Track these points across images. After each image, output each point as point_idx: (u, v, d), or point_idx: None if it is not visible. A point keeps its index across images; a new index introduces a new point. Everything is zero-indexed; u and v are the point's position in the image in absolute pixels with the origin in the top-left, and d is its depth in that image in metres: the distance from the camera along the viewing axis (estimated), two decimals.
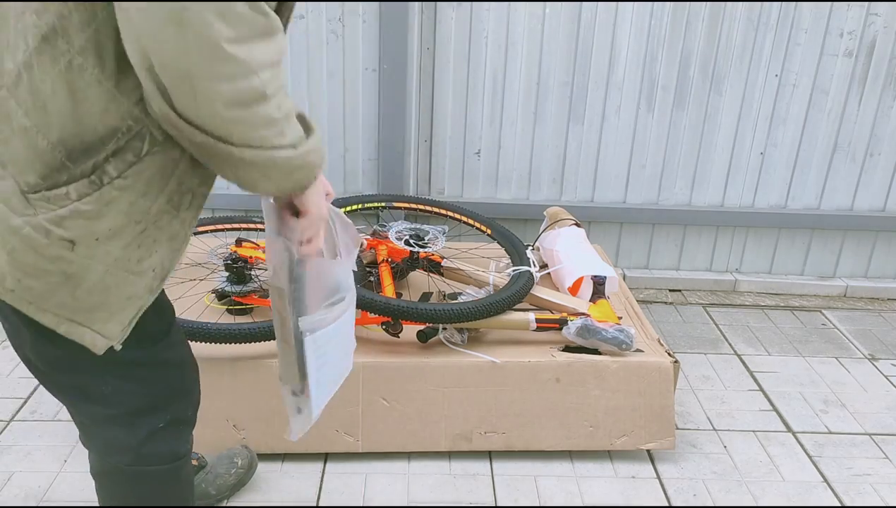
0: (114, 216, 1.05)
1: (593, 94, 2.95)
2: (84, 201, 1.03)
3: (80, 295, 1.09)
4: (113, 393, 1.24)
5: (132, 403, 1.26)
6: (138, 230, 1.08)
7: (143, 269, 1.12)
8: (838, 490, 2.07)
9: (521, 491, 2.00)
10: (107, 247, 1.07)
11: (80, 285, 1.08)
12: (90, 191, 1.03)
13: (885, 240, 3.22)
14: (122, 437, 1.28)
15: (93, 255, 1.06)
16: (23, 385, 2.35)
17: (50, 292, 1.07)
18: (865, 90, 2.96)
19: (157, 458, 1.32)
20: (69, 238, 1.04)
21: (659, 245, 3.21)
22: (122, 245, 1.08)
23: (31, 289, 1.07)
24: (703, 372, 2.62)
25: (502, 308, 2.07)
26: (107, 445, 1.30)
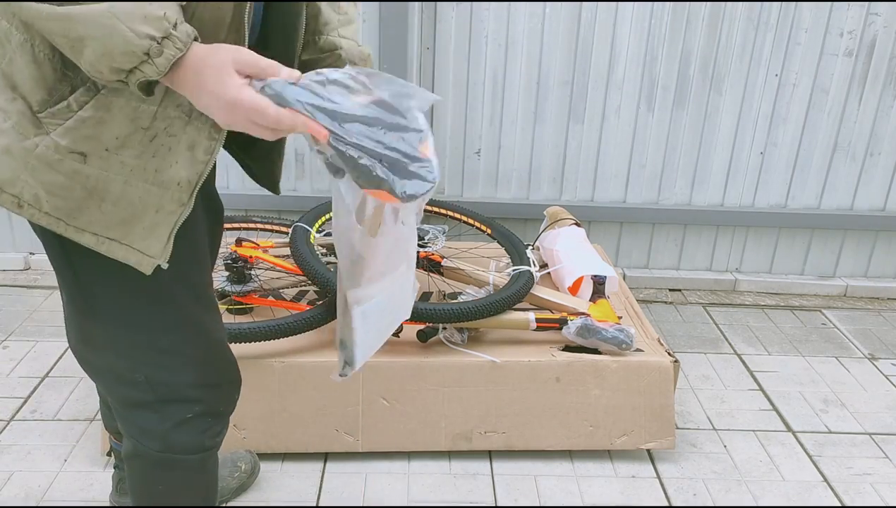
0: (118, 123, 1.04)
1: (593, 94, 2.95)
2: (85, 109, 1.03)
3: (107, 209, 1.09)
4: (146, 380, 1.25)
5: (164, 391, 1.27)
6: (148, 137, 1.06)
7: (165, 181, 1.10)
8: (838, 490, 2.07)
9: (521, 491, 2.00)
10: (119, 157, 1.06)
11: (104, 198, 1.08)
12: (88, 98, 1.02)
13: (885, 240, 3.22)
14: (152, 424, 1.29)
15: (107, 167, 1.06)
16: (23, 384, 2.35)
17: (78, 209, 1.08)
18: (865, 90, 2.96)
19: (185, 447, 1.32)
20: (79, 150, 1.04)
21: (659, 244, 3.21)
22: (134, 154, 1.07)
23: (60, 208, 1.08)
24: (703, 371, 2.62)
25: (502, 307, 2.07)
26: (138, 430, 1.32)
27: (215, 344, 1.35)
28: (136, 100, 1.03)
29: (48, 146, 1.04)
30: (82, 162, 1.05)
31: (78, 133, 1.04)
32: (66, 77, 1.02)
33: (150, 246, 1.13)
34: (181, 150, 1.10)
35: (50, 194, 1.07)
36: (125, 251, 1.12)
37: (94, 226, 1.10)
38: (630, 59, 2.90)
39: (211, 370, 1.34)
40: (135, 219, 1.11)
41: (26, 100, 1.04)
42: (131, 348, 1.24)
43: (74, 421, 2.18)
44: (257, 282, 2.25)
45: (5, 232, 3.09)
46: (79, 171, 1.06)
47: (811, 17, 2.86)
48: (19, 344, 2.57)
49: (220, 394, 1.37)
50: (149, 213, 1.11)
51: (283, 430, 2.02)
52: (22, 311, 2.79)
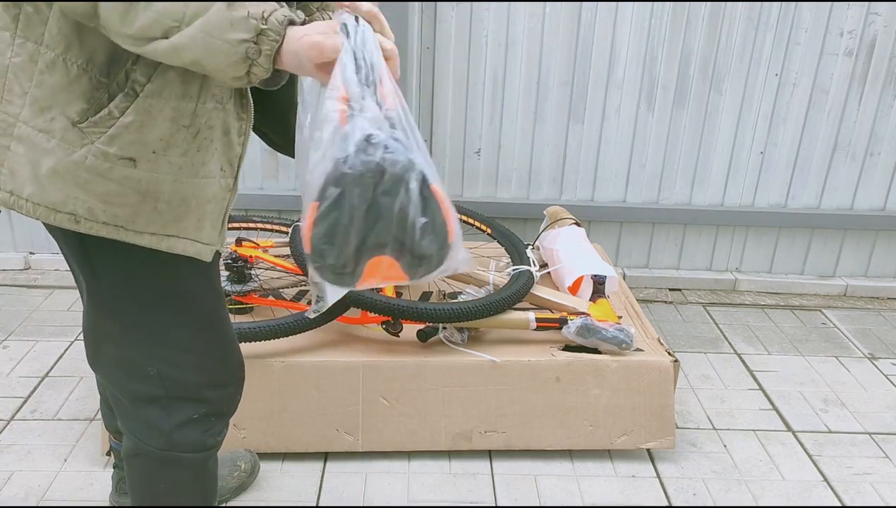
0: (160, 124, 1.06)
1: (593, 94, 2.95)
2: (126, 115, 1.04)
3: (162, 209, 1.12)
4: (157, 375, 1.27)
5: (174, 389, 1.29)
6: (191, 134, 1.09)
7: (211, 171, 1.14)
8: (838, 490, 2.07)
9: (521, 491, 2.00)
10: (166, 157, 1.09)
11: (158, 199, 1.11)
12: (128, 103, 1.04)
13: (885, 240, 3.22)
14: (158, 420, 1.30)
15: (156, 169, 1.09)
16: (23, 384, 2.35)
17: (135, 214, 1.11)
18: (865, 89, 2.96)
19: (187, 446, 1.33)
20: (127, 155, 1.06)
21: (659, 244, 3.21)
22: (180, 152, 1.09)
23: (119, 216, 1.10)
24: (702, 371, 2.62)
25: (502, 307, 2.07)
26: (143, 427, 1.32)
27: (229, 343, 1.36)
28: (174, 99, 1.06)
29: (96, 155, 1.06)
30: (132, 166, 1.08)
31: (123, 139, 1.06)
32: (101, 84, 1.04)
33: (206, 234, 1.18)
34: (219, 137, 1.13)
35: (106, 204, 1.09)
36: (184, 244, 1.16)
37: (152, 227, 1.13)
38: (630, 59, 2.90)
39: (221, 369, 1.35)
40: (189, 212, 1.14)
41: (65, 114, 1.05)
42: (147, 342, 1.25)
43: (74, 420, 2.18)
44: (257, 282, 2.25)
45: (5, 231, 3.09)
46: (130, 176, 1.08)
47: (811, 16, 2.86)
48: (19, 344, 2.57)
49: (227, 395, 1.38)
50: (202, 205, 1.15)
51: (283, 430, 2.02)
52: (22, 311, 2.80)
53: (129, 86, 1.04)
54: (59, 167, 1.06)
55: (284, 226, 2.51)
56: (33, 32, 1.03)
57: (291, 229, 2.22)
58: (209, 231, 1.19)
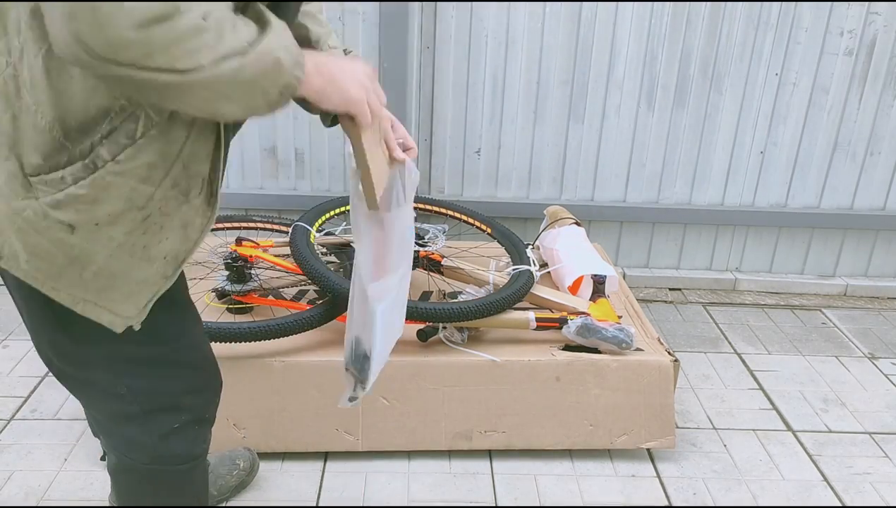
0: (113, 201, 1.04)
1: (593, 93, 2.95)
2: (79, 185, 1.01)
3: (87, 278, 1.08)
4: (129, 391, 1.23)
5: (148, 402, 1.26)
6: (141, 216, 1.06)
7: (152, 256, 1.10)
8: (838, 489, 2.07)
9: (521, 490, 2.00)
10: (109, 232, 1.06)
11: (85, 268, 1.07)
12: (84, 175, 1.01)
13: (885, 239, 3.22)
14: (139, 435, 1.28)
15: (95, 239, 1.06)
16: (23, 384, 2.35)
17: (58, 273, 1.07)
18: (865, 89, 2.96)
19: (173, 458, 1.32)
20: (67, 222, 1.03)
21: (659, 244, 3.21)
22: (124, 231, 1.06)
23: (42, 269, 1.07)
24: (703, 370, 2.62)
25: (502, 307, 2.07)
26: (124, 443, 1.30)
27: (199, 349, 1.33)
28: (134, 181, 1.03)
29: (36, 211, 1.03)
30: (69, 233, 1.04)
31: (69, 206, 1.03)
32: (64, 148, 1.01)
33: (125, 309, 1.13)
34: (174, 228, 1.10)
35: (32, 256, 1.06)
36: (99, 311, 1.11)
37: (72, 289, 1.09)
38: (630, 59, 2.90)
39: (195, 374, 1.33)
40: (114, 288, 1.10)
41: (20, 160, 1.02)
42: (109, 360, 1.21)
43: (74, 420, 2.18)
44: (257, 282, 2.25)
45: None
46: (64, 240, 1.05)
47: (811, 16, 2.86)
48: (19, 344, 2.57)
49: (205, 400, 1.36)
50: (129, 284, 1.11)
51: (283, 429, 2.02)
52: None
53: (90, 158, 1.01)
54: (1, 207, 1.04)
55: (284, 225, 2.51)
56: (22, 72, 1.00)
57: (292, 229, 2.22)
58: (131, 307, 1.13)
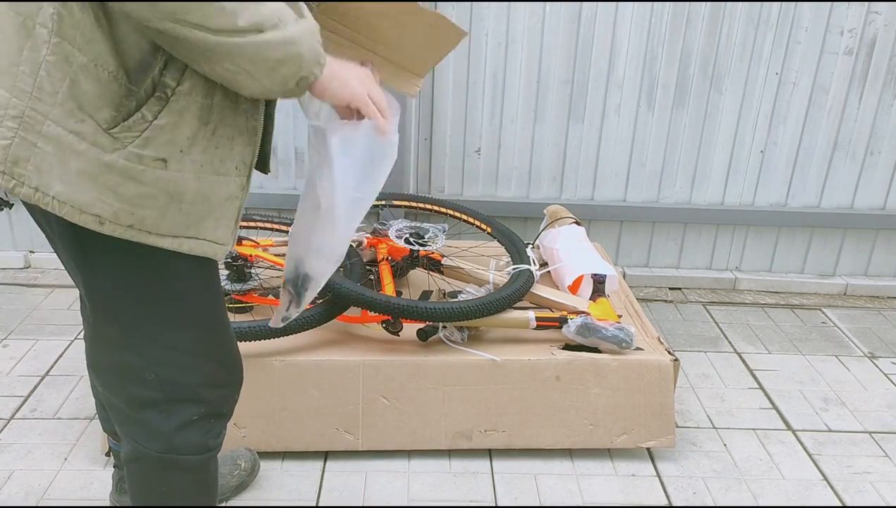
0: (189, 123, 1.10)
1: (593, 93, 2.95)
2: (159, 118, 1.08)
3: (186, 209, 1.15)
4: (156, 377, 1.27)
5: (172, 390, 1.29)
6: (210, 131, 1.13)
7: (228, 169, 1.18)
8: (838, 489, 2.07)
9: (521, 490, 2.00)
10: (191, 156, 1.12)
11: (183, 199, 1.14)
12: (160, 106, 1.08)
13: (885, 239, 3.22)
14: (157, 423, 1.30)
15: (182, 168, 1.12)
16: (23, 383, 2.35)
17: (162, 216, 1.13)
18: (866, 88, 2.96)
19: (189, 448, 1.34)
20: (160, 156, 1.10)
21: (659, 243, 3.21)
22: (201, 150, 1.13)
23: (146, 219, 1.12)
24: (703, 370, 2.62)
25: (502, 306, 2.07)
26: (143, 431, 1.32)
27: (227, 342, 1.37)
28: (200, 97, 1.10)
29: (129, 158, 1.08)
30: (164, 167, 1.10)
31: (157, 140, 1.09)
32: (131, 92, 1.06)
33: (221, 234, 1.21)
34: (235, 136, 1.17)
35: (136, 206, 1.11)
36: (203, 245, 1.19)
37: (175, 229, 1.15)
38: (630, 58, 2.90)
39: (220, 369, 1.35)
40: (210, 212, 1.18)
41: (95, 119, 1.06)
42: (145, 345, 1.26)
43: (74, 419, 2.18)
44: (257, 281, 2.25)
45: (5, 230, 3.09)
46: (161, 177, 1.11)
47: (811, 15, 2.86)
48: (19, 343, 2.57)
49: (225, 395, 1.38)
50: (220, 203, 1.18)
51: (283, 429, 2.02)
52: (22, 310, 2.79)
53: (159, 89, 1.07)
54: (90, 169, 1.08)
55: (284, 225, 2.51)
56: (67, 34, 1.03)
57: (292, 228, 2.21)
58: (223, 231, 1.21)
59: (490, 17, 2.84)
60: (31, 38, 1.03)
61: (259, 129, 1.23)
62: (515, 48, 2.88)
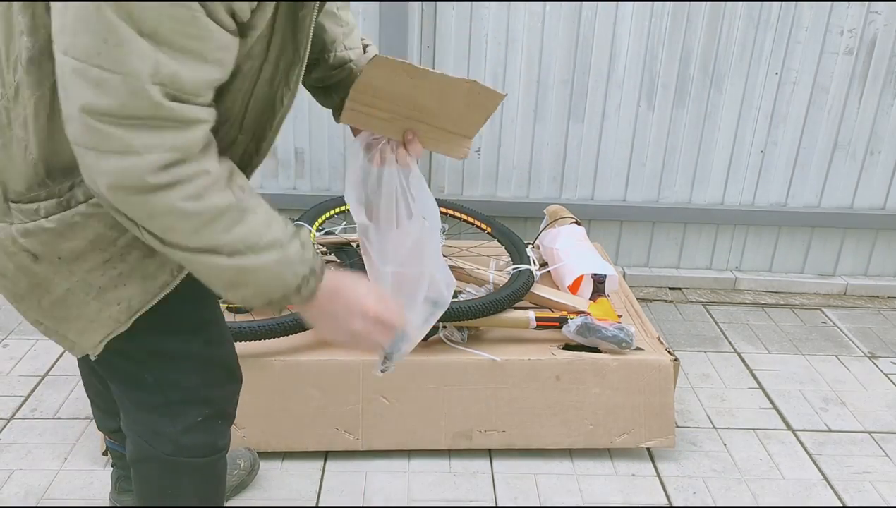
0: (77, 240, 1.08)
1: (593, 92, 2.95)
2: (49, 219, 1.07)
3: (45, 306, 1.15)
4: (156, 382, 1.27)
5: (173, 393, 1.29)
6: (102, 259, 1.11)
7: (107, 299, 1.14)
8: (838, 489, 2.07)
9: (521, 489, 2.00)
10: (70, 267, 1.11)
11: (45, 296, 1.14)
12: (56, 211, 1.07)
13: (885, 239, 3.22)
14: (163, 426, 1.30)
15: (56, 272, 1.11)
16: (23, 383, 2.35)
17: (21, 295, 1.15)
18: (866, 88, 2.96)
19: (196, 450, 1.34)
20: (32, 251, 1.09)
21: (659, 243, 3.21)
22: (85, 268, 1.11)
23: (7, 289, 1.16)
24: (703, 370, 2.62)
25: (502, 306, 2.07)
26: (149, 433, 1.32)
27: (223, 342, 1.36)
28: (102, 225, 1.07)
29: (7, 235, 1.09)
30: (33, 261, 1.10)
31: (36, 237, 1.08)
32: (45, 184, 1.06)
33: (82, 342, 1.18)
34: (134, 277, 1.13)
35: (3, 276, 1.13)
36: (58, 338, 1.19)
37: (33, 313, 1.17)
38: (630, 58, 2.90)
39: (218, 368, 1.35)
40: (69, 319, 1.16)
41: (5, 185, 1.08)
42: (136, 354, 1.24)
43: (74, 419, 2.18)
44: None
45: None
46: (28, 267, 1.11)
47: (811, 15, 2.85)
48: (19, 343, 2.57)
49: (227, 394, 1.38)
50: (82, 320, 1.15)
51: (283, 429, 2.02)
52: None
53: (66, 197, 1.06)
54: None
55: None
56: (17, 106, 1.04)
57: None
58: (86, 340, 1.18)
59: (490, 17, 2.83)
60: None
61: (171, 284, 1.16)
62: (515, 48, 2.88)
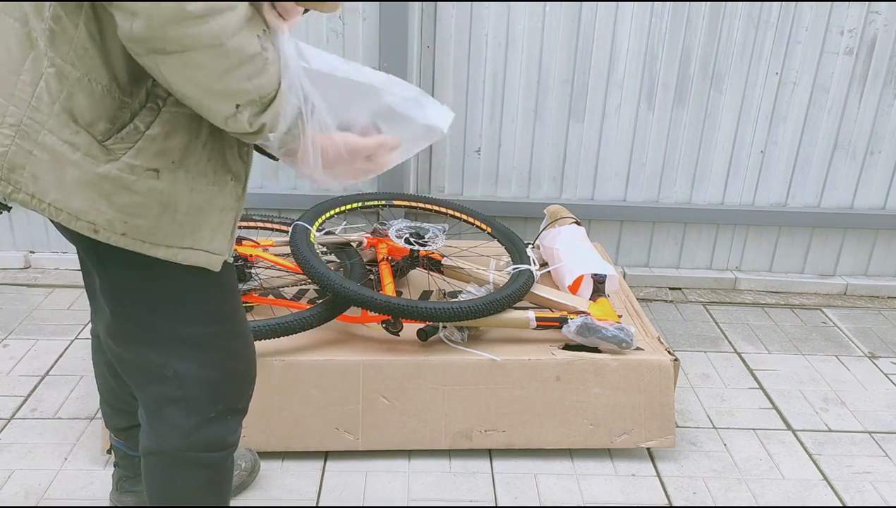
0: (180, 134, 1.11)
1: (593, 92, 2.95)
2: (151, 128, 1.09)
3: (180, 220, 1.16)
4: (175, 374, 1.29)
5: (192, 387, 1.30)
6: (201, 143, 1.14)
7: (222, 180, 1.19)
8: (838, 489, 2.07)
9: (521, 489, 2.00)
10: (184, 167, 1.13)
11: (177, 210, 1.15)
12: (152, 117, 1.09)
13: (885, 239, 3.22)
14: (179, 420, 1.32)
15: (175, 179, 1.13)
16: (23, 383, 2.35)
17: (156, 226, 1.14)
18: (866, 88, 2.96)
19: (208, 445, 1.35)
20: (153, 166, 1.11)
21: (659, 243, 3.21)
22: (194, 161, 1.14)
23: (140, 228, 1.14)
24: (703, 370, 2.62)
25: (502, 306, 2.07)
26: (165, 427, 1.33)
27: (242, 337, 1.38)
28: (189, 109, 1.09)
29: (121, 169, 1.10)
30: (156, 177, 1.12)
31: (150, 151, 1.10)
32: (125, 104, 1.08)
33: (217, 245, 1.22)
34: (227, 148, 1.18)
35: (129, 215, 1.12)
36: (198, 255, 1.20)
37: (170, 239, 1.16)
38: (630, 58, 2.90)
39: (238, 363, 1.37)
40: (204, 223, 1.19)
41: (90, 131, 1.08)
42: (162, 341, 1.27)
43: (74, 419, 2.18)
44: (257, 281, 2.25)
45: (5, 231, 3.09)
46: (153, 187, 1.12)
47: (811, 15, 2.86)
48: (19, 343, 2.57)
49: (241, 390, 1.39)
50: (215, 214, 1.19)
51: (283, 429, 2.02)
52: (22, 310, 2.80)
53: (151, 100, 1.09)
54: (84, 178, 1.09)
55: (284, 225, 2.51)
56: (60, 49, 1.05)
57: (292, 228, 2.22)
58: (220, 241, 1.22)
59: (490, 17, 2.84)
60: (34, 50, 1.05)
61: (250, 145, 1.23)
62: (515, 48, 2.88)
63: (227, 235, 1.24)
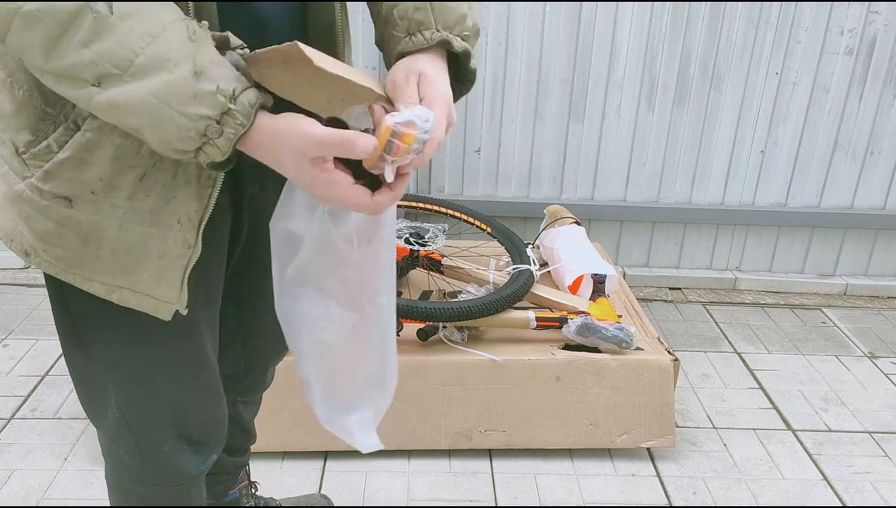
0: (101, 162, 0.93)
1: (593, 93, 2.95)
2: (63, 150, 0.92)
3: (106, 257, 0.98)
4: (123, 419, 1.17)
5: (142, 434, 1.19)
6: (135, 176, 0.94)
7: (164, 221, 0.97)
8: (838, 489, 2.07)
9: (521, 489, 2.00)
10: (111, 200, 0.95)
11: (101, 246, 0.98)
12: (67, 137, 0.92)
13: (885, 239, 3.22)
14: (129, 447, 1.21)
15: (98, 211, 0.96)
16: (23, 383, 2.35)
17: (78, 257, 0.99)
18: (866, 88, 2.96)
19: (165, 479, 1.24)
20: (62, 194, 0.95)
21: (659, 243, 3.21)
22: (125, 196, 0.95)
23: (61, 257, 0.99)
24: (703, 370, 2.62)
25: (502, 306, 2.07)
26: (118, 461, 1.25)
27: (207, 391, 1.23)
28: (118, 136, 0.92)
29: (32, 189, 0.95)
30: (69, 207, 0.95)
31: (58, 176, 0.94)
32: (47, 115, 0.93)
33: (164, 292, 1.02)
34: (178, 184, 0.97)
35: (46, 243, 0.98)
36: (138, 298, 1.02)
37: (101, 275, 1.00)
38: (630, 58, 2.90)
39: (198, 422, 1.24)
40: (139, 265, 1.00)
41: (13, 141, 0.95)
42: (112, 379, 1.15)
43: (74, 419, 2.18)
44: None
45: None
46: (68, 217, 0.96)
47: (811, 15, 2.85)
48: (19, 343, 2.57)
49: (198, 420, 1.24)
50: (152, 260, 0.99)
51: (282, 429, 2.02)
52: (22, 310, 2.80)
53: (72, 118, 0.92)
54: (8, 194, 0.98)
55: None
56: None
57: None
58: (167, 289, 1.02)
59: (490, 17, 2.83)
60: None
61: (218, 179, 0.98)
62: (515, 48, 2.88)
63: (176, 285, 1.02)
